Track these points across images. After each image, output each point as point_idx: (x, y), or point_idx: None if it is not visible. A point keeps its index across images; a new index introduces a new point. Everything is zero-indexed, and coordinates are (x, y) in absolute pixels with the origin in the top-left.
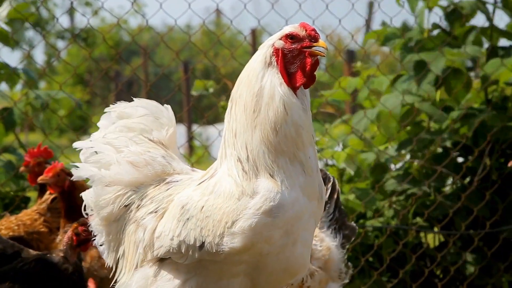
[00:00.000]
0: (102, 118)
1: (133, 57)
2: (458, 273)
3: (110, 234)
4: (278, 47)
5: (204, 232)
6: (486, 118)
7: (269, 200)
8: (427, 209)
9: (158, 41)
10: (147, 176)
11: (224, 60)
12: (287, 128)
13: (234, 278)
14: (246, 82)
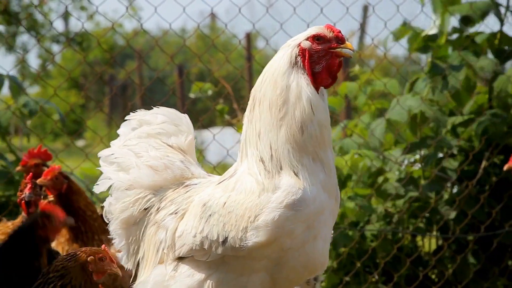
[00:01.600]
0: (122, 126)
1: (127, 61)
2: (453, 277)
3: (130, 237)
4: (304, 48)
5: (227, 227)
6: (488, 124)
7: (291, 194)
8: (423, 212)
9: (153, 44)
10: (166, 180)
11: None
12: (312, 128)
13: (255, 274)
14: (271, 81)
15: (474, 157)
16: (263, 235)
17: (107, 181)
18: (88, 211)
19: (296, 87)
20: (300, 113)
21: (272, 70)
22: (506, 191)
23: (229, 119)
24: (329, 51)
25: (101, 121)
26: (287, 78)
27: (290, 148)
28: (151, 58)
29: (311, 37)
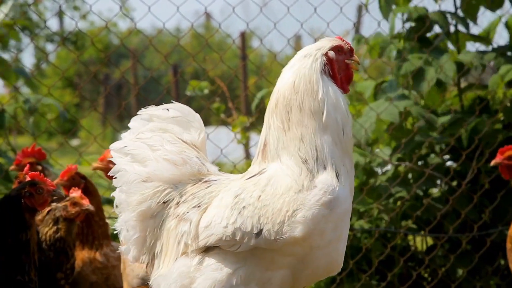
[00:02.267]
0: (133, 120)
1: (122, 60)
2: (446, 276)
3: (146, 230)
4: (331, 57)
5: (262, 219)
6: (476, 123)
7: (328, 193)
8: (416, 212)
9: (147, 44)
10: (184, 175)
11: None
12: (349, 130)
13: (279, 270)
14: (307, 89)
15: (467, 156)
16: (300, 231)
17: (123, 173)
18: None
19: (333, 93)
20: (340, 116)
21: (305, 78)
22: (499, 190)
23: (224, 118)
24: (345, 63)
25: (95, 120)
26: (323, 84)
27: (335, 148)
28: (145, 58)
29: (335, 48)
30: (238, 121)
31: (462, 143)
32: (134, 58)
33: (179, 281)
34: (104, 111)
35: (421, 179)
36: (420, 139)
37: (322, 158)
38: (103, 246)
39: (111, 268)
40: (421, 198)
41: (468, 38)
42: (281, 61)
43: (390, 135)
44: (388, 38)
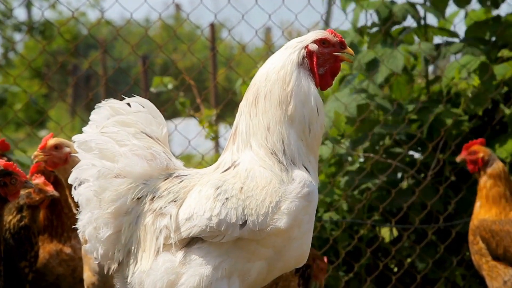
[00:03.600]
0: (93, 113)
1: (91, 51)
2: (412, 267)
3: (120, 227)
4: (312, 50)
5: (246, 211)
6: (440, 112)
7: (306, 186)
8: (382, 203)
9: (116, 34)
10: (155, 170)
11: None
12: (316, 128)
13: (259, 261)
14: (278, 79)
15: (433, 148)
16: (285, 222)
17: (91, 168)
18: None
19: (306, 87)
20: (308, 112)
21: (278, 68)
22: (464, 182)
23: (190, 112)
24: (334, 55)
25: (64, 111)
26: (296, 77)
27: (301, 144)
28: (115, 49)
29: (318, 40)
30: (205, 116)
31: (428, 135)
32: (103, 48)
33: (166, 277)
34: (73, 102)
35: (387, 170)
36: (380, 131)
37: (289, 153)
38: (71, 238)
39: (78, 260)
40: (388, 190)
41: (435, 31)
42: (250, 52)
43: (357, 127)
44: (350, 31)
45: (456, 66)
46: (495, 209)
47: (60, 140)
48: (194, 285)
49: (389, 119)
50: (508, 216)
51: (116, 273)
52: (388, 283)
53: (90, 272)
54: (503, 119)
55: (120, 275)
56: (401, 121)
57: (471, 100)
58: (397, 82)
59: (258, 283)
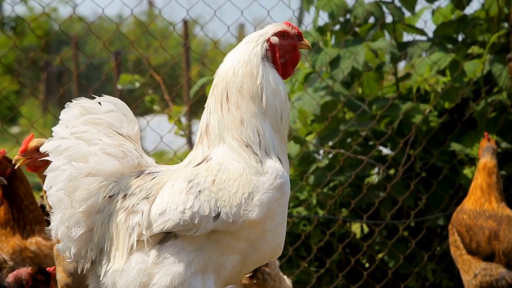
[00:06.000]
0: (63, 112)
1: (63, 47)
2: (383, 262)
3: (93, 225)
4: (274, 43)
5: (219, 203)
6: (410, 109)
7: (278, 177)
8: (353, 199)
9: (89, 31)
10: (126, 167)
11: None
12: (286, 117)
13: (233, 255)
14: (246, 73)
15: (404, 144)
16: (257, 214)
17: (61, 172)
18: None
19: (273, 79)
20: (279, 102)
21: (245, 62)
22: (435, 177)
23: (159, 109)
24: (293, 46)
25: (36, 107)
26: (263, 70)
27: (275, 135)
28: (87, 45)
29: (278, 33)
30: (174, 112)
31: (399, 131)
32: (74, 44)
33: (138, 279)
34: (45, 98)
35: (357, 166)
36: (348, 128)
37: (264, 144)
38: (35, 232)
39: (43, 257)
40: (359, 186)
41: (405, 28)
42: (224, 49)
43: (326, 126)
44: (312, 31)
45: (427, 63)
46: (472, 200)
47: (42, 141)
48: (167, 284)
49: (356, 116)
50: (483, 207)
51: (89, 272)
52: (360, 279)
53: (64, 273)
54: (473, 115)
55: (94, 274)
56: (370, 118)
57: (441, 96)
58: (367, 79)
59: (233, 277)
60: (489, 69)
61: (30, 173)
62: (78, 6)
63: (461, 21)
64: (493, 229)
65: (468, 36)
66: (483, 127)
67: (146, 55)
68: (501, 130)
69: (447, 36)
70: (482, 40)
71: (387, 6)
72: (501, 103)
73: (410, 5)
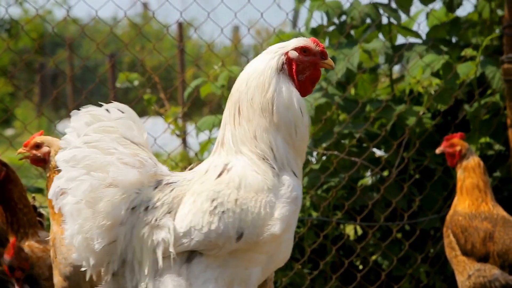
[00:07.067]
0: (73, 121)
1: (58, 49)
2: (377, 264)
3: (115, 238)
4: (292, 57)
5: (242, 224)
6: (404, 111)
7: (293, 190)
8: (347, 201)
9: (84, 33)
10: (145, 177)
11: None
12: (302, 129)
13: (255, 267)
14: (258, 85)
15: (398, 146)
16: (279, 228)
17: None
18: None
19: (287, 91)
20: (293, 116)
21: (257, 75)
22: (428, 179)
23: (156, 108)
24: (314, 64)
25: (30, 110)
26: (276, 83)
27: (289, 149)
28: (82, 47)
29: (299, 48)
30: (171, 112)
31: (392, 133)
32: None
33: None
34: (39, 101)
35: (351, 168)
36: (343, 130)
37: (279, 159)
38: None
39: (35, 259)
40: (353, 188)
41: (399, 30)
42: (219, 51)
43: (320, 127)
44: (305, 32)
45: (420, 65)
46: (468, 200)
47: (42, 139)
48: None
49: (350, 117)
50: (479, 208)
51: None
52: (353, 281)
53: (61, 277)
54: (466, 117)
55: (112, 285)
56: (364, 119)
57: (434, 98)
58: (362, 81)
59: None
60: (482, 71)
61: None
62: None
63: (454, 23)
64: (488, 231)
65: (462, 38)
66: (476, 129)
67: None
68: (495, 132)
69: (440, 39)
70: (475, 43)
71: (383, 8)
72: (494, 105)
73: (405, 8)
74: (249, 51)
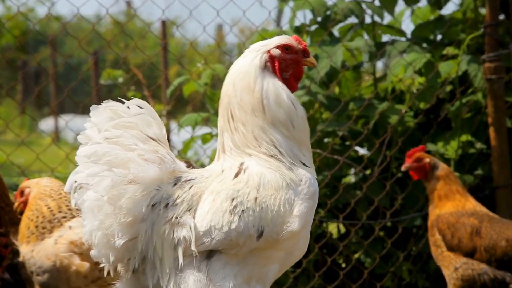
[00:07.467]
0: (93, 116)
1: (41, 47)
2: (359, 262)
3: (136, 235)
4: (274, 55)
5: (262, 222)
6: (386, 109)
7: (311, 185)
8: (330, 199)
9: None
10: (164, 174)
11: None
12: (298, 121)
13: (274, 264)
14: (244, 86)
15: (381, 144)
16: (298, 225)
17: (102, 179)
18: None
19: (273, 88)
20: (286, 110)
21: (243, 74)
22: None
23: None
24: (296, 61)
25: (13, 108)
26: (261, 81)
27: (290, 142)
28: (66, 45)
29: (281, 46)
30: (155, 109)
31: (374, 132)
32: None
33: None
34: (22, 99)
35: (334, 166)
36: (325, 128)
37: (286, 153)
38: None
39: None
40: (336, 186)
41: (383, 29)
42: (202, 49)
43: None
44: (288, 31)
45: (403, 63)
46: (450, 203)
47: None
48: None
49: (333, 116)
50: (464, 207)
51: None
52: (336, 279)
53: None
54: (448, 115)
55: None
56: (346, 118)
57: (417, 97)
58: (345, 79)
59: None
60: (465, 69)
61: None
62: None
63: (438, 21)
64: (475, 226)
65: (445, 36)
66: (458, 128)
67: (124, 55)
68: (476, 131)
69: (423, 37)
70: (459, 41)
71: (367, 5)
72: (476, 103)
73: (389, 8)
74: (232, 49)
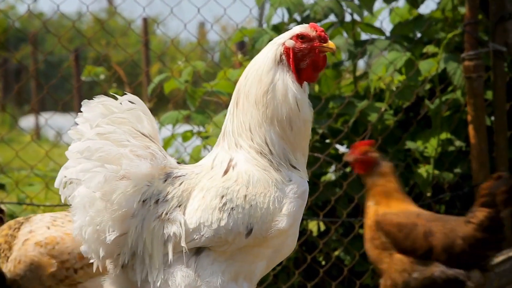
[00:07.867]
0: (85, 111)
1: (22, 44)
2: (339, 260)
3: (126, 230)
4: (289, 46)
5: (251, 219)
6: (366, 107)
7: (300, 185)
8: (310, 197)
9: (48, 28)
10: (156, 170)
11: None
12: (299, 124)
13: (261, 262)
14: (255, 78)
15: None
16: (286, 223)
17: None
18: None
19: (282, 85)
20: (287, 110)
21: (256, 67)
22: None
23: None
24: (313, 49)
25: None
26: (273, 75)
27: (284, 144)
28: (47, 42)
29: (295, 36)
30: None
31: (354, 129)
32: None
33: None
34: (2, 96)
35: (314, 164)
36: None
37: (276, 154)
38: None
39: None
40: (316, 183)
41: (363, 27)
42: (184, 47)
43: None
44: (267, 29)
45: (384, 62)
46: (394, 202)
47: None
48: None
49: (313, 114)
50: (409, 207)
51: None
52: (316, 276)
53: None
54: (427, 113)
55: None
56: (326, 116)
57: (396, 95)
58: (325, 77)
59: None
60: (444, 68)
61: None
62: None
63: (417, 20)
64: (427, 225)
65: (425, 35)
66: (438, 126)
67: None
68: (456, 129)
69: (403, 36)
70: (438, 39)
71: (346, 4)
72: (456, 101)
73: (368, 5)
74: (214, 47)
